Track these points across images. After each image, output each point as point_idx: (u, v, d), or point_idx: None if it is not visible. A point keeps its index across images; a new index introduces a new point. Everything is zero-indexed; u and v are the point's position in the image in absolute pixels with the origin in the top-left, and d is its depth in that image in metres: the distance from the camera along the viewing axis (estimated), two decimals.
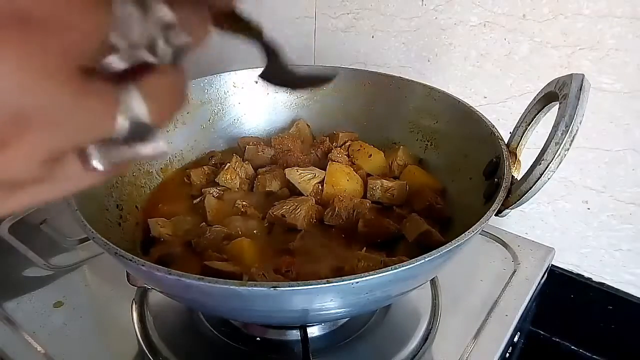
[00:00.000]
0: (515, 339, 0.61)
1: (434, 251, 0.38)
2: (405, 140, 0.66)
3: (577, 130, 0.41)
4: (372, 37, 0.80)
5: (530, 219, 0.74)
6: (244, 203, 0.57)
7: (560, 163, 0.41)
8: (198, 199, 0.59)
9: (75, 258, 0.66)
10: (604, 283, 0.72)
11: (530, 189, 0.43)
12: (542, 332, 0.78)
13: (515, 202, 0.44)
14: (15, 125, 0.14)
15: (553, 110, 0.45)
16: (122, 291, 0.59)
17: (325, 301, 0.38)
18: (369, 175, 0.62)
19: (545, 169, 0.41)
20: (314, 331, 0.54)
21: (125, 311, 0.58)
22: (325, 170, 0.59)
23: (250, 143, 0.67)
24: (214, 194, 0.59)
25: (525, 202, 0.44)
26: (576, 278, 0.73)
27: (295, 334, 0.53)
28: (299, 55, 0.90)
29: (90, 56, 0.15)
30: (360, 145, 0.65)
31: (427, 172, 0.62)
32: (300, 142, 0.67)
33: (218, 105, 0.70)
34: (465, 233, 0.40)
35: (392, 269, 0.36)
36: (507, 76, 0.69)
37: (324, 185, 0.58)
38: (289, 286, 0.35)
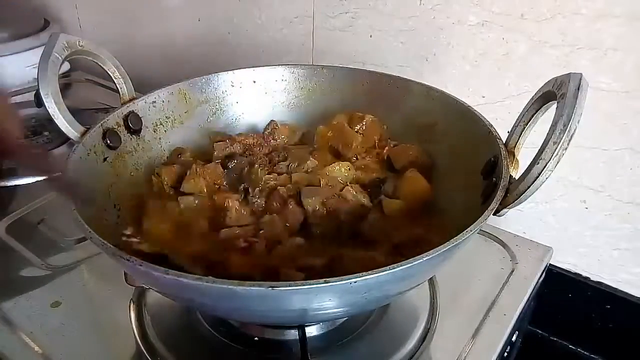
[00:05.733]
0: (514, 338, 0.61)
1: (431, 250, 0.37)
2: (403, 139, 0.66)
3: (575, 130, 0.41)
4: (370, 36, 0.79)
5: (528, 218, 0.74)
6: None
7: (558, 162, 0.41)
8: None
9: (73, 258, 0.66)
10: (602, 282, 0.72)
11: (528, 188, 0.43)
12: (540, 332, 0.78)
13: (513, 202, 0.44)
14: None
15: (551, 110, 0.45)
16: (120, 291, 0.59)
17: (324, 301, 0.38)
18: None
19: (543, 169, 0.41)
20: (312, 331, 0.54)
21: (123, 311, 0.58)
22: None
23: (219, 139, 0.66)
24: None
25: (524, 201, 0.43)
26: (574, 277, 0.73)
27: (293, 334, 0.53)
28: (297, 55, 0.90)
29: None
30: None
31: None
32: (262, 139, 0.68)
33: (216, 105, 0.70)
34: (463, 232, 0.40)
35: (390, 269, 0.36)
36: (505, 76, 0.69)
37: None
38: (287, 286, 0.35)
